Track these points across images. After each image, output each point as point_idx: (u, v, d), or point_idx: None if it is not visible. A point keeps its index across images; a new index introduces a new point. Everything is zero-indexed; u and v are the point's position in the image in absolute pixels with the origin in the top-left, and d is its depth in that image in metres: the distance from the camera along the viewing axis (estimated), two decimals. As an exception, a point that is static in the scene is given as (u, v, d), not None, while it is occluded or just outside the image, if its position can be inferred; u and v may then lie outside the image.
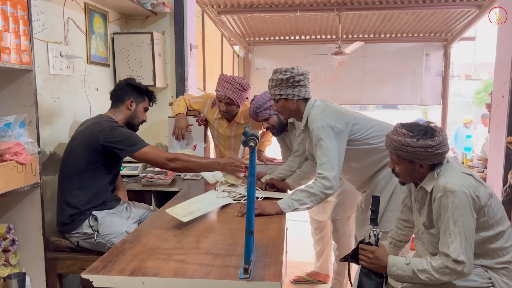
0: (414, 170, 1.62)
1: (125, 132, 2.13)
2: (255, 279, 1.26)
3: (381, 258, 1.59)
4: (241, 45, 8.23)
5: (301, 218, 3.07)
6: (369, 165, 2.19)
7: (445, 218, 1.50)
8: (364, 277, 1.63)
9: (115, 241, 2.00)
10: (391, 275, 1.57)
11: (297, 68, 2.05)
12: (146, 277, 1.28)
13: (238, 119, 2.84)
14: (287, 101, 2.10)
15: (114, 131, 2.10)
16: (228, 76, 2.68)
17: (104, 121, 2.16)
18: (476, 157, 4.17)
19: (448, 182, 1.52)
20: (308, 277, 3.11)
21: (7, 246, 1.88)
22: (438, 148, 1.55)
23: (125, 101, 2.28)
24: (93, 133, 2.09)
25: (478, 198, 1.52)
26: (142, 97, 2.34)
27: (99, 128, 2.10)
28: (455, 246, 1.46)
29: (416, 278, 1.51)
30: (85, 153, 2.09)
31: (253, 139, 1.28)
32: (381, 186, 2.17)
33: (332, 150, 1.98)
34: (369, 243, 1.65)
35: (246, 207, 1.33)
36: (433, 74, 8.35)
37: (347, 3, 6.18)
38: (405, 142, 1.57)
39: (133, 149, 2.08)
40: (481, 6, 6.04)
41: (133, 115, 2.31)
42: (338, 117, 2.06)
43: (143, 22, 3.30)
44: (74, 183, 2.10)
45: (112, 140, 2.06)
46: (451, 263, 1.46)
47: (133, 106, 2.29)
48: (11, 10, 1.75)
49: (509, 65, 3.09)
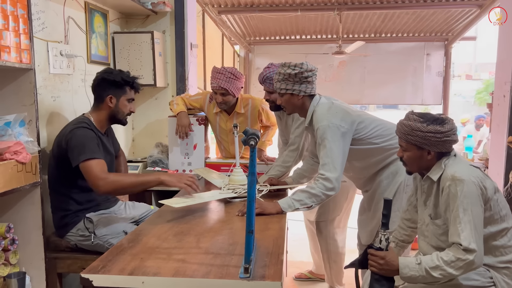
0: (421, 158, 1.62)
1: (80, 138, 1.97)
2: (255, 278, 1.25)
3: (391, 262, 1.54)
4: (242, 44, 8.23)
5: (301, 218, 3.07)
6: (371, 165, 2.17)
7: (454, 206, 1.49)
8: (375, 283, 1.59)
9: (113, 241, 1.99)
10: (404, 278, 1.53)
11: (306, 64, 2.04)
12: (146, 276, 1.28)
13: (238, 109, 2.83)
14: (293, 96, 2.08)
15: (72, 136, 1.97)
16: (219, 68, 2.69)
17: (73, 122, 2.10)
18: (477, 157, 4.17)
19: (457, 172, 1.52)
20: (310, 274, 3.11)
21: (7, 245, 1.88)
22: (448, 135, 1.55)
23: (104, 98, 2.12)
24: (60, 136, 2.05)
25: (485, 189, 1.52)
26: (122, 90, 2.15)
27: (64, 131, 2.05)
28: (466, 235, 1.44)
29: (429, 277, 1.47)
30: (57, 156, 2.05)
31: (253, 138, 1.27)
32: (384, 186, 2.16)
33: (335, 151, 1.97)
34: (380, 248, 1.58)
35: (246, 206, 1.32)
36: (433, 74, 8.34)
37: (348, 2, 6.17)
38: (415, 126, 1.58)
39: (79, 158, 1.91)
40: (481, 5, 6.03)
41: (115, 111, 2.15)
42: (344, 116, 2.04)
43: (143, 22, 3.30)
44: (56, 188, 2.09)
45: (67, 143, 1.98)
46: (462, 253, 1.44)
47: (114, 101, 2.13)
48: (11, 8, 1.74)
49: (510, 65, 3.09)
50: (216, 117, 2.90)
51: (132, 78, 2.18)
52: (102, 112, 2.15)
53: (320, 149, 2.01)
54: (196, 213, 1.95)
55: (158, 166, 2.90)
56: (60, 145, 2.02)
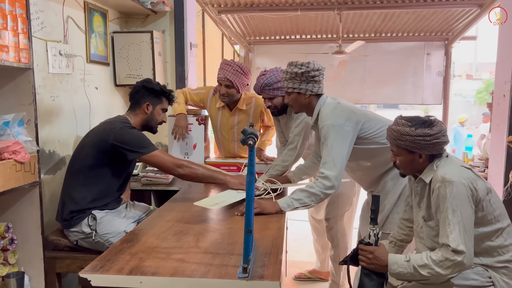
0: (413, 161, 1.63)
1: (136, 133, 2.13)
2: (254, 278, 1.25)
3: (381, 257, 1.58)
4: (242, 44, 8.23)
5: (301, 217, 3.07)
6: (378, 165, 2.16)
7: (444, 208, 1.50)
8: (364, 278, 1.62)
9: (113, 240, 1.99)
10: (392, 274, 1.56)
11: (313, 63, 2.04)
12: (144, 276, 1.28)
13: (240, 105, 2.83)
14: (300, 95, 2.10)
15: (124, 131, 2.09)
16: (228, 60, 2.72)
17: (117, 121, 2.17)
18: (477, 157, 4.16)
19: (447, 173, 1.53)
20: (310, 274, 3.11)
21: (5, 245, 1.88)
22: (437, 137, 1.55)
23: (141, 104, 2.25)
24: (104, 132, 2.10)
25: (476, 190, 1.51)
26: (159, 99, 2.30)
27: (111, 127, 2.11)
28: (454, 236, 1.45)
29: (418, 274, 1.49)
30: (94, 150, 2.09)
31: (252, 137, 1.27)
32: (389, 187, 2.15)
33: (337, 150, 1.98)
34: (369, 243, 1.64)
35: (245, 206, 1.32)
36: (434, 74, 8.34)
37: (348, 2, 6.17)
38: (404, 131, 1.59)
39: (142, 151, 2.07)
40: (482, 5, 6.02)
41: (149, 118, 2.29)
42: (349, 115, 2.04)
43: (143, 21, 3.29)
44: (80, 179, 2.10)
45: (122, 140, 2.05)
46: (451, 253, 1.45)
47: (150, 109, 2.27)
48: (10, 8, 1.74)
49: (510, 64, 3.08)
50: (218, 112, 2.90)
51: (169, 90, 2.35)
52: (138, 117, 2.27)
53: (323, 147, 2.02)
54: (195, 213, 1.95)
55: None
56: (106, 140, 2.06)
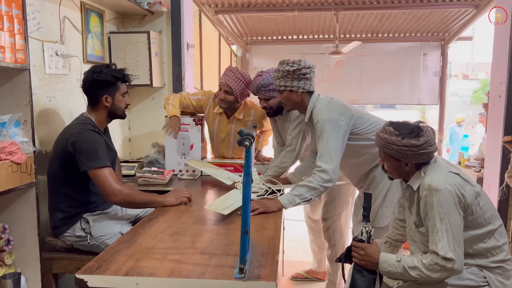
0: (400, 168, 1.64)
1: (91, 142, 1.97)
2: (250, 278, 1.26)
3: (372, 255, 1.60)
4: (239, 44, 8.22)
5: (298, 217, 3.07)
6: (366, 161, 2.21)
7: (432, 216, 1.51)
8: (356, 274, 1.65)
9: (109, 242, 1.98)
10: (383, 272, 1.59)
11: (304, 61, 2.08)
12: (141, 277, 1.28)
13: (238, 114, 2.83)
14: (292, 93, 2.12)
15: (80, 140, 1.96)
16: (233, 67, 2.71)
17: (76, 124, 2.07)
18: (473, 157, 4.18)
19: (433, 181, 1.53)
20: (307, 274, 3.12)
21: (2, 246, 1.88)
22: (423, 148, 1.56)
23: (99, 98, 2.10)
24: (65, 140, 2.01)
25: (463, 196, 1.52)
26: (115, 87, 2.12)
27: (70, 132, 2.03)
28: (443, 244, 1.47)
29: (407, 275, 1.52)
30: (60, 157, 2.02)
31: (248, 138, 1.27)
32: (377, 182, 2.19)
33: (332, 143, 2.01)
34: (361, 240, 1.67)
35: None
36: (430, 74, 8.36)
37: (345, 2, 6.18)
38: (390, 140, 1.59)
39: (90, 164, 1.93)
40: (478, 6, 6.04)
41: (113, 109, 2.14)
42: (343, 110, 2.09)
43: (139, 21, 3.29)
44: (58, 188, 2.07)
45: (75, 147, 1.96)
46: (441, 260, 1.47)
47: (110, 100, 2.11)
48: (6, 8, 1.74)
49: (505, 65, 3.10)
50: (215, 117, 2.90)
51: (121, 72, 2.15)
52: (100, 112, 2.14)
53: (319, 141, 2.05)
54: (192, 214, 1.95)
55: (155, 166, 2.89)
56: (65, 146, 1.98)
